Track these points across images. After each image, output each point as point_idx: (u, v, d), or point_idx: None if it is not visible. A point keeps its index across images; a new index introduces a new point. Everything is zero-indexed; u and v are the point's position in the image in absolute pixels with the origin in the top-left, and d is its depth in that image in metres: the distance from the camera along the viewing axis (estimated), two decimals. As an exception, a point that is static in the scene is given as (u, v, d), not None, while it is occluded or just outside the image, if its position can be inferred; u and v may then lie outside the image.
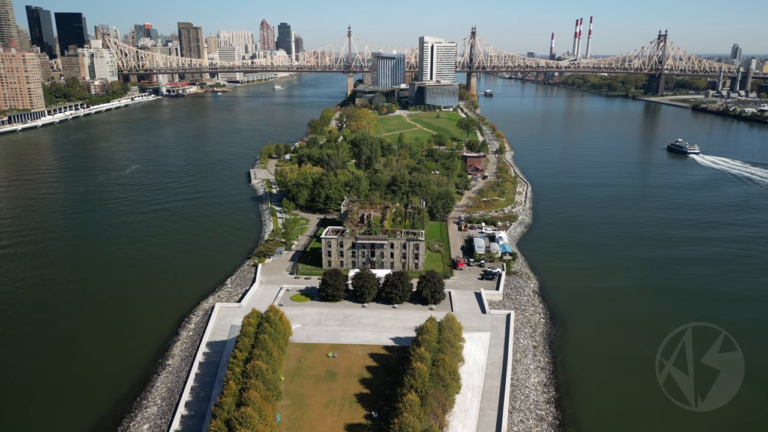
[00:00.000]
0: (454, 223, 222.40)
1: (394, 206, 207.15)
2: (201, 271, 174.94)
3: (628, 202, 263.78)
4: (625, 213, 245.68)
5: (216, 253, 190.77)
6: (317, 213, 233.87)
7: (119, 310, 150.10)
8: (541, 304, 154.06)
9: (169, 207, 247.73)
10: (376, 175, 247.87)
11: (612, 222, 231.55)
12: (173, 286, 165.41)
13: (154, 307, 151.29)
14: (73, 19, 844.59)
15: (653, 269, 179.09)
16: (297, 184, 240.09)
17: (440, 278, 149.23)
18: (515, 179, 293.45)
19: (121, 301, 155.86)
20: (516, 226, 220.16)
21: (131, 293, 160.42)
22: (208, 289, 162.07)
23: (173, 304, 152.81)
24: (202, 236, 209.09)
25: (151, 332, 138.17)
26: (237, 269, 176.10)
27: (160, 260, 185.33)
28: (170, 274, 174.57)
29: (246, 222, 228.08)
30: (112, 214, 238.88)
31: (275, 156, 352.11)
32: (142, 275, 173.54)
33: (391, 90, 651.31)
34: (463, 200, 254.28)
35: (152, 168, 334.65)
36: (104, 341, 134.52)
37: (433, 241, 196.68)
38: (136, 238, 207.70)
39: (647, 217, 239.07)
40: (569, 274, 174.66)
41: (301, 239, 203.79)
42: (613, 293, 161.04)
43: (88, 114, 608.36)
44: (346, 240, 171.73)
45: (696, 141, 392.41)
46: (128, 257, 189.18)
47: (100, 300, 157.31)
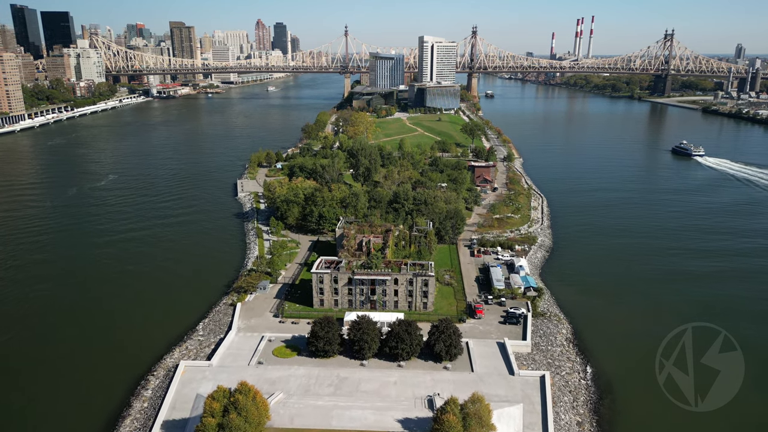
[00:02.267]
0: (465, 246, 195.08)
1: (396, 229, 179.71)
2: (168, 313, 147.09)
3: (646, 212, 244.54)
4: (644, 225, 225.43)
5: (188, 288, 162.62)
6: (309, 234, 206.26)
7: (55, 372, 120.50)
8: (579, 358, 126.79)
9: (140, 229, 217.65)
10: (375, 190, 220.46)
11: (634, 239, 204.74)
12: (133, 333, 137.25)
13: (104, 365, 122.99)
14: (60, 18, 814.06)
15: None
16: (287, 200, 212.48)
17: (456, 329, 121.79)
18: (528, 192, 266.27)
19: (63, 356, 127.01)
20: (536, 250, 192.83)
21: (77, 347, 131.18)
22: (175, 337, 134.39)
23: (130, 359, 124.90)
24: (175, 266, 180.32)
25: (96, 404, 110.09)
26: (212, 309, 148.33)
27: (120, 300, 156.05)
28: (131, 317, 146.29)
29: (227, 246, 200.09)
30: (74, 239, 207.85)
31: (266, 164, 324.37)
32: (94, 319, 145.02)
33: (390, 91, 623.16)
34: (473, 217, 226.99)
35: (131, 178, 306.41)
36: (31, 421, 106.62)
37: (443, 271, 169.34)
38: (93, 271, 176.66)
39: (667, 227, 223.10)
40: (605, 315, 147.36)
41: (290, 267, 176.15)
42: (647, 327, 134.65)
43: (71, 117, 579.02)
44: (342, 275, 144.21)
45: (723, 148, 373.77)
46: (79, 297, 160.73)
47: (31, 357, 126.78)
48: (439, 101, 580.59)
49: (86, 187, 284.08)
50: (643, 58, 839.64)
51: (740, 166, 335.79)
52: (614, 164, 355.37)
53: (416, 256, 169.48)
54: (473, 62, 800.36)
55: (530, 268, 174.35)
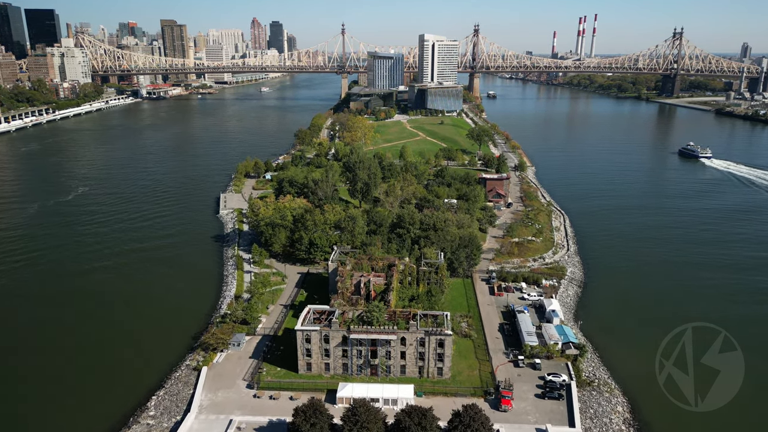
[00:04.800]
0: (482, 280, 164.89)
1: (401, 262, 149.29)
2: (112, 383, 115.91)
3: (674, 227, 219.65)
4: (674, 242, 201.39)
5: (145, 344, 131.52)
6: (298, 264, 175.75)
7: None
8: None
9: (100, 259, 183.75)
10: (375, 211, 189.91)
11: (673, 267, 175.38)
12: (62, 415, 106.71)
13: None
14: (45, 16, 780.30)
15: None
16: (272, 224, 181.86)
17: (485, 419, 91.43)
18: (548, 208, 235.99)
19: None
20: (566, 285, 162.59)
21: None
22: (118, 420, 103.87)
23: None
24: (132, 311, 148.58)
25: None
26: (171, 375, 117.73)
27: (59, 362, 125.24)
28: (61, 392, 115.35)
29: (200, 280, 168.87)
30: (16, 277, 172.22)
31: (253, 175, 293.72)
32: (18, 392, 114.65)
33: (389, 92, 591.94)
34: (488, 241, 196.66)
35: (103, 192, 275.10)
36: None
37: (458, 317, 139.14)
38: (32, 325, 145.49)
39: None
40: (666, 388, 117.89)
41: (273, 311, 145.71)
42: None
43: (52, 120, 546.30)
44: (334, 333, 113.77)
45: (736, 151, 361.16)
46: (11, 357, 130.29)
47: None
48: (440, 103, 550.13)
49: (50, 203, 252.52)
50: (650, 58, 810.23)
51: (748, 169, 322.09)
52: (630, 170, 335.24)
53: (425, 299, 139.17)
54: (475, 61, 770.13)
55: (563, 312, 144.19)
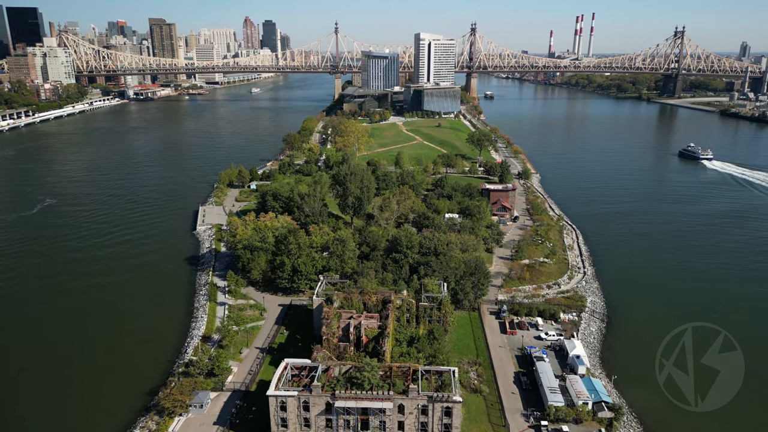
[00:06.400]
0: (490, 312, 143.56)
1: (398, 296, 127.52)
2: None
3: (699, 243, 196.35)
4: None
5: (87, 403, 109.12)
6: (280, 293, 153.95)
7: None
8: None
9: (47, 293, 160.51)
10: (369, 231, 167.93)
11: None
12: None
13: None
14: (27, 15, 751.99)
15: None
16: (251, 247, 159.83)
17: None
18: (558, 223, 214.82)
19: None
20: (588, 320, 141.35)
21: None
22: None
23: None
24: (75, 358, 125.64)
25: None
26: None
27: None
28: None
29: (165, 316, 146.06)
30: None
31: (237, 184, 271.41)
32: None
33: (384, 93, 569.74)
34: (495, 263, 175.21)
35: (72, 204, 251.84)
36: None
37: (465, 365, 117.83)
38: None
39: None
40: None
41: (247, 356, 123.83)
42: None
43: (31, 123, 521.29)
44: (316, 399, 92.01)
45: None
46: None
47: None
48: (437, 104, 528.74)
49: (10, 219, 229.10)
50: (651, 57, 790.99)
51: (751, 171, 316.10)
52: (636, 175, 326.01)
53: (427, 342, 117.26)
54: (472, 61, 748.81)
55: (588, 355, 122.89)
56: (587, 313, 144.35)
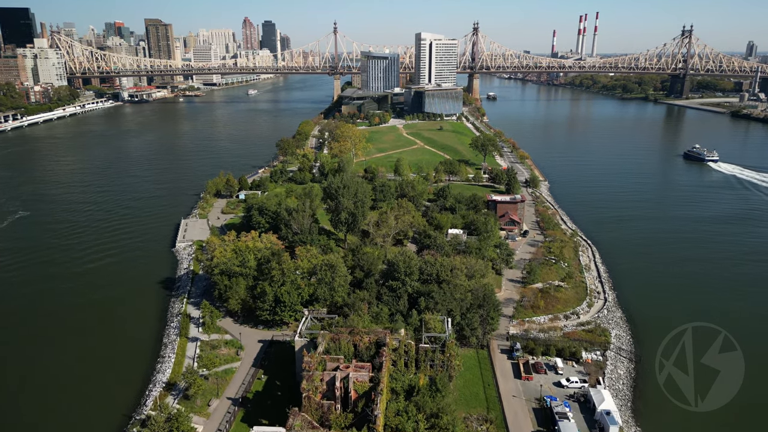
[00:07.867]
0: (501, 351, 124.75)
1: (395, 337, 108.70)
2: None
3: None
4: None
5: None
6: (260, 326, 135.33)
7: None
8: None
9: (13, 319, 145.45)
10: (362, 253, 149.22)
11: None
12: None
13: None
14: (19, 15, 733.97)
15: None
16: (228, 273, 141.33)
17: None
18: (572, 238, 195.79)
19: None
20: (614, 361, 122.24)
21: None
22: None
23: None
24: (13, 412, 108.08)
25: None
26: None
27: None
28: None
29: (127, 356, 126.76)
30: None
31: (225, 194, 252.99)
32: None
33: (384, 95, 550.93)
34: (504, 287, 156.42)
35: (47, 216, 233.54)
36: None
37: (473, 421, 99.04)
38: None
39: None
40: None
41: (217, 410, 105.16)
42: None
43: (18, 127, 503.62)
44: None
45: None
46: None
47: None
48: (439, 106, 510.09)
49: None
50: (657, 57, 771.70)
51: (759, 174, 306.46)
52: (647, 179, 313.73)
53: (428, 395, 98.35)
54: (474, 62, 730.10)
55: (619, 407, 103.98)
56: (613, 351, 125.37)
